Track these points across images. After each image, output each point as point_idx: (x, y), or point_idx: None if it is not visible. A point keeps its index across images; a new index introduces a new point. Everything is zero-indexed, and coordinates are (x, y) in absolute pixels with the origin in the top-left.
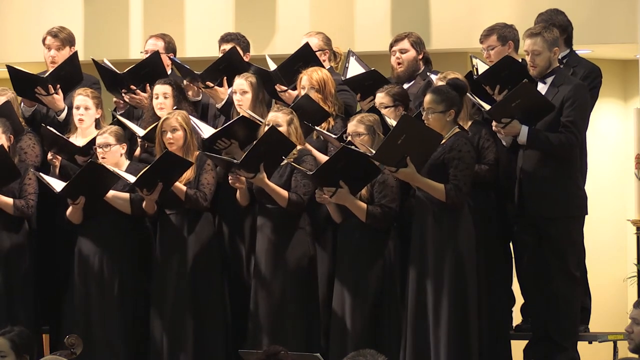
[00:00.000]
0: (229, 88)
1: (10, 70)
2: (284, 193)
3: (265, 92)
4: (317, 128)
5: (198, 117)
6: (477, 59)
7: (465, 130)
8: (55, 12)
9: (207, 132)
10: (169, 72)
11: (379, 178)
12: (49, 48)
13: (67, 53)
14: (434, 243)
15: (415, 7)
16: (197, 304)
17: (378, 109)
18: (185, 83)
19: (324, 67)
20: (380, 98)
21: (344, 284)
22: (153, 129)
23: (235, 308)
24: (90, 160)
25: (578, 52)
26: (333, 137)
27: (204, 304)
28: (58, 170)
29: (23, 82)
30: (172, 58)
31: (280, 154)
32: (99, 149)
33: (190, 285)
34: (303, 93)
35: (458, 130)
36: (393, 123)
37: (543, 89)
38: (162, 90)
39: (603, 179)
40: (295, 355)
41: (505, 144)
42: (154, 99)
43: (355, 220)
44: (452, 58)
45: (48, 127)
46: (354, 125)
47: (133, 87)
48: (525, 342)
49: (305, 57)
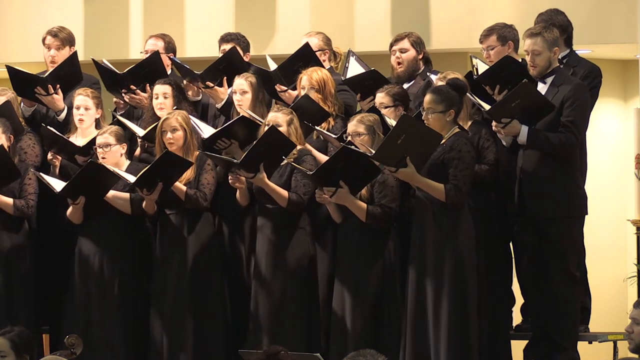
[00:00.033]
0: (229, 88)
1: (10, 71)
2: (284, 193)
3: (265, 92)
4: (317, 128)
5: (198, 117)
6: (477, 59)
7: (465, 130)
8: (55, 12)
9: (207, 132)
10: (169, 72)
11: (379, 178)
12: (49, 48)
13: (67, 53)
14: (434, 243)
15: (415, 7)
16: (197, 304)
17: (378, 109)
18: (185, 83)
19: (324, 67)
20: (380, 98)
21: (344, 284)
22: (153, 129)
23: (235, 308)
24: (90, 160)
25: (578, 52)
26: (333, 137)
27: (204, 304)
28: (58, 170)
29: (23, 82)
30: (172, 58)
31: (280, 154)
32: (99, 149)
33: (190, 285)
34: (303, 93)
35: (458, 130)
36: (393, 123)
37: (543, 89)
38: (162, 90)
39: (603, 179)
40: (295, 355)
41: (505, 144)
42: (154, 99)
43: (355, 220)
44: (452, 58)
45: (48, 127)
46: (354, 125)
47: (133, 87)
48: (525, 342)
49: (305, 57)
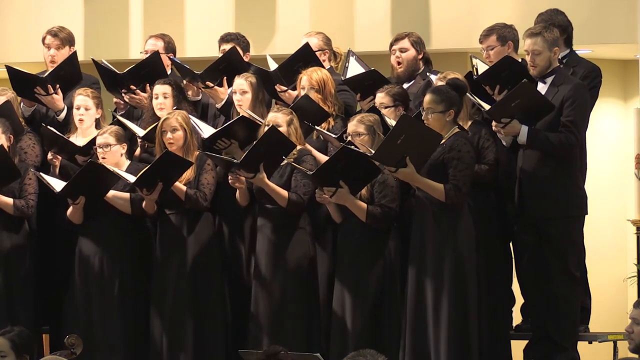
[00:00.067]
0: (229, 88)
1: (10, 71)
2: (284, 193)
3: (265, 92)
4: (317, 128)
5: (198, 117)
6: (477, 59)
7: (465, 130)
8: (55, 12)
9: (207, 132)
10: (169, 72)
11: (379, 178)
12: (49, 47)
13: (66, 52)
14: (434, 243)
15: (415, 7)
16: (197, 304)
17: (378, 109)
18: (185, 83)
19: (324, 67)
20: (380, 98)
21: (344, 284)
22: (153, 129)
23: (235, 308)
24: (90, 160)
25: (578, 52)
26: (333, 137)
27: (204, 304)
28: (58, 170)
29: (22, 82)
30: (172, 58)
31: (280, 154)
32: (99, 149)
33: (190, 285)
34: (303, 93)
35: (458, 130)
36: (393, 123)
37: (543, 89)
38: (162, 90)
39: (603, 179)
40: (295, 355)
41: (505, 144)
42: (154, 99)
43: (355, 220)
44: (452, 58)
45: (48, 127)
46: (354, 125)
47: (133, 87)
48: (525, 342)
49: (305, 57)
